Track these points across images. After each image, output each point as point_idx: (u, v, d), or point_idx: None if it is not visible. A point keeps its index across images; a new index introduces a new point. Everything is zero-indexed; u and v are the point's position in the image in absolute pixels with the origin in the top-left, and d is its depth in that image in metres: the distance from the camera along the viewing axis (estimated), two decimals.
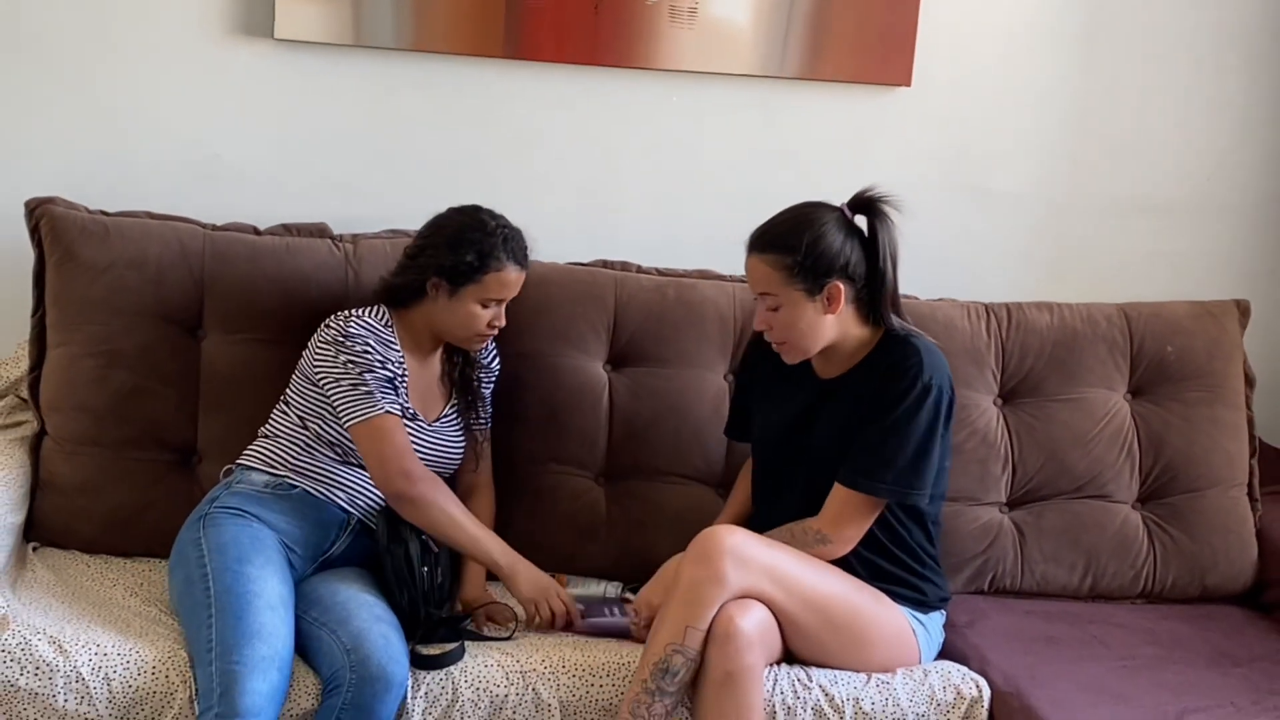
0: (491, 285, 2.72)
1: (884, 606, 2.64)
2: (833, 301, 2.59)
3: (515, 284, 2.76)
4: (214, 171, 3.20)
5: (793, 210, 2.64)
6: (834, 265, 2.57)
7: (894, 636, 2.64)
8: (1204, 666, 2.78)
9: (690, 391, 3.07)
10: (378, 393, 2.66)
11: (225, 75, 3.18)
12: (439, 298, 2.74)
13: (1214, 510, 3.13)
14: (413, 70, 3.23)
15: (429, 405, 2.83)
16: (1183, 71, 3.47)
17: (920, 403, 2.55)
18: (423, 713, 2.48)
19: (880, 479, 2.57)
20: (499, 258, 2.71)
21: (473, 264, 2.70)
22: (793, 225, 2.60)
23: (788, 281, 2.57)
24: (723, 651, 2.43)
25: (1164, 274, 3.51)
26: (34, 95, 3.14)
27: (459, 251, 2.70)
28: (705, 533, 2.52)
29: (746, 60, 3.31)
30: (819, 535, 2.60)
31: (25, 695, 2.39)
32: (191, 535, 2.64)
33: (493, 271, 2.71)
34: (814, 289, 2.57)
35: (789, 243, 2.57)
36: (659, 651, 2.44)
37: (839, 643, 2.58)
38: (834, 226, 2.58)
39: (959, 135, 3.43)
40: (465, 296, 2.73)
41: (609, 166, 3.35)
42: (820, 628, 2.56)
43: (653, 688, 2.43)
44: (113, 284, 2.89)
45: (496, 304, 2.75)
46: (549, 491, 3.01)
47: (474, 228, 2.72)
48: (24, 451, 2.91)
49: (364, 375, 2.66)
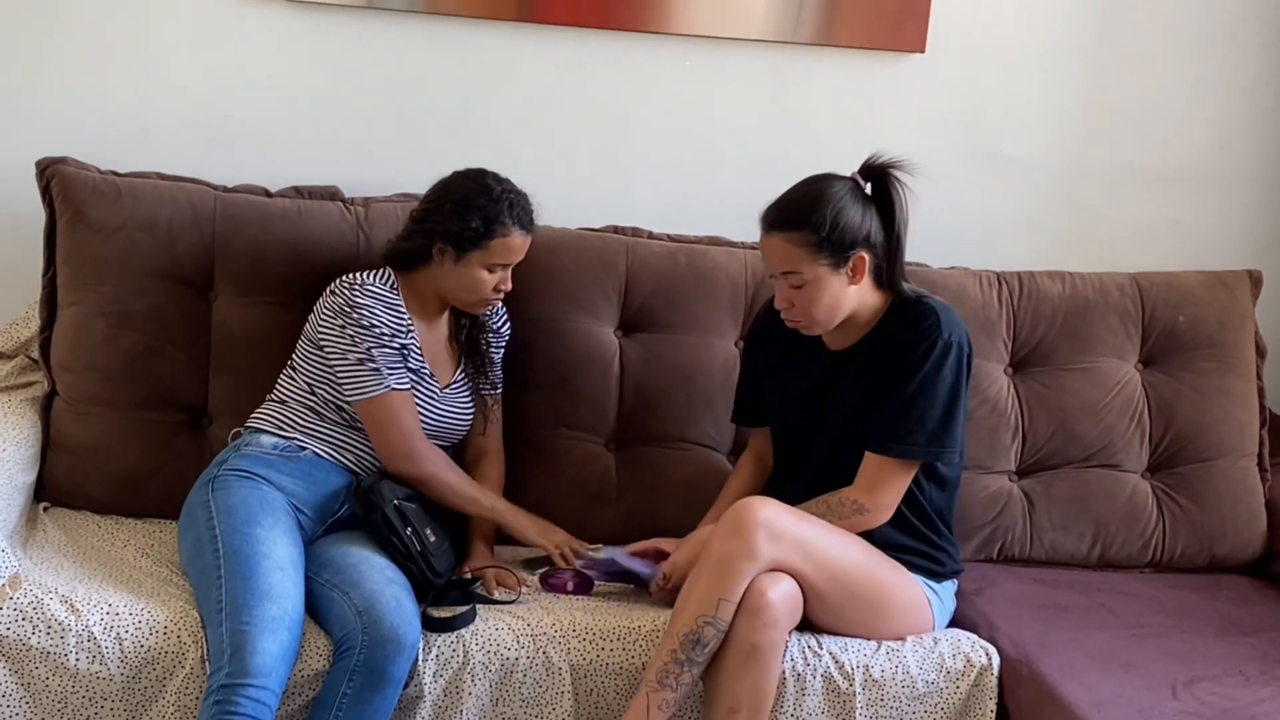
0: (497, 250, 2.71)
1: (902, 577, 2.65)
2: (857, 272, 2.58)
3: (521, 249, 2.75)
4: (225, 133, 3.18)
5: (805, 186, 2.62)
6: (857, 237, 2.56)
7: (911, 607, 2.65)
8: (1212, 635, 2.79)
9: (701, 358, 3.07)
10: (385, 369, 2.66)
11: (238, 37, 3.16)
12: (445, 263, 2.73)
13: (1224, 480, 3.13)
14: (425, 32, 3.21)
15: (440, 369, 2.83)
16: (1197, 40, 3.45)
17: (942, 361, 2.55)
18: (434, 675, 2.49)
19: (914, 441, 2.56)
20: (505, 223, 2.70)
21: (478, 230, 2.69)
22: (811, 201, 2.57)
23: (813, 258, 2.55)
24: (751, 624, 2.43)
25: (1176, 243, 3.50)
26: (45, 56, 3.12)
27: (465, 217, 2.69)
28: (740, 504, 2.52)
29: (760, 25, 3.29)
30: (856, 505, 2.59)
31: (37, 654, 2.40)
32: (200, 498, 2.64)
33: (498, 237, 2.70)
34: (839, 262, 2.56)
35: (811, 219, 2.55)
36: (690, 622, 2.44)
37: (858, 613, 2.59)
38: (850, 198, 2.57)
39: (972, 102, 3.41)
40: (471, 262, 2.72)
41: (621, 131, 3.33)
42: (843, 599, 2.57)
43: (682, 658, 2.44)
44: (124, 245, 2.89)
45: (502, 269, 2.75)
46: (559, 456, 3.01)
47: (479, 193, 2.71)
48: (35, 412, 2.91)
49: (370, 350, 2.66)
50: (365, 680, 2.40)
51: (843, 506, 2.59)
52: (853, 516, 2.59)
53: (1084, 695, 2.48)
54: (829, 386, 2.67)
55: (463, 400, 2.85)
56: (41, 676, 2.40)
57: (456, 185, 2.75)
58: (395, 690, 2.44)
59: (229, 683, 2.30)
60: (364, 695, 2.40)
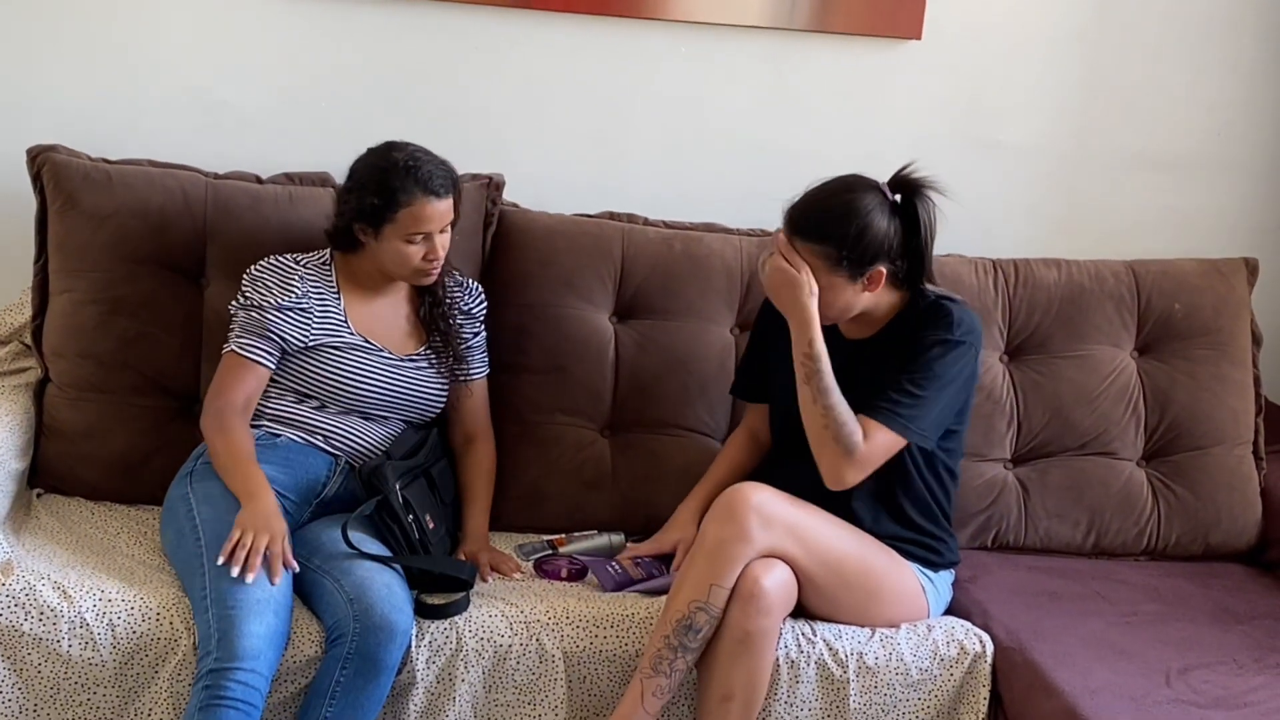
0: (406, 221, 2.67)
1: (897, 564, 2.65)
2: (873, 283, 2.58)
3: (435, 215, 2.69)
4: (218, 119, 3.18)
5: (833, 194, 2.58)
6: (879, 252, 2.55)
7: (905, 594, 2.65)
8: (1206, 623, 2.79)
9: (696, 345, 3.06)
10: (240, 330, 2.70)
11: (229, 23, 3.16)
12: (369, 241, 2.73)
13: (1218, 468, 3.13)
14: (420, 18, 3.20)
15: (395, 341, 2.81)
16: (1195, 26, 3.44)
17: (951, 357, 2.56)
18: (426, 661, 2.49)
19: (905, 415, 2.53)
20: (408, 191, 2.65)
21: (380, 204, 2.66)
22: (838, 215, 2.55)
23: (832, 270, 2.55)
24: (744, 611, 2.44)
25: (1173, 230, 3.49)
26: (36, 42, 3.11)
27: (366, 194, 2.67)
28: (731, 490, 2.52)
29: (756, 11, 3.28)
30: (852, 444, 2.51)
31: (29, 640, 2.40)
32: (180, 491, 2.65)
33: (404, 208, 2.66)
34: (857, 275, 2.56)
35: (835, 233, 2.53)
36: (682, 608, 2.44)
37: (852, 600, 2.59)
38: (878, 211, 2.55)
39: (969, 88, 3.41)
40: (388, 236, 2.69)
41: (617, 117, 3.32)
42: (836, 586, 2.56)
43: (675, 644, 2.44)
44: (115, 232, 2.88)
45: (423, 238, 2.70)
46: (554, 442, 3.01)
47: (380, 168, 2.68)
48: (28, 398, 2.90)
49: (237, 312, 2.71)
50: (358, 668, 2.40)
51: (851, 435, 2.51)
52: (846, 444, 2.51)
53: (1077, 682, 2.48)
54: (840, 374, 2.65)
55: (425, 374, 2.83)
56: (34, 663, 2.40)
57: (361, 164, 2.73)
58: (388, 677, 2.44)
59: (217, 667, 2.30)
60: (357, 683, 2.40)
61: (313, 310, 2.73)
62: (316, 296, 2.74)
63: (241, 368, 2.68)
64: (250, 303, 2.70)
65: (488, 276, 3.03)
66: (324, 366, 2.73)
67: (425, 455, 2.79)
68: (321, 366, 2.73)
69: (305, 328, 2.72)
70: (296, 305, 2.71)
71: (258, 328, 2.69)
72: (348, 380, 2.73)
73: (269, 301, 2.69)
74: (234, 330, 2.72)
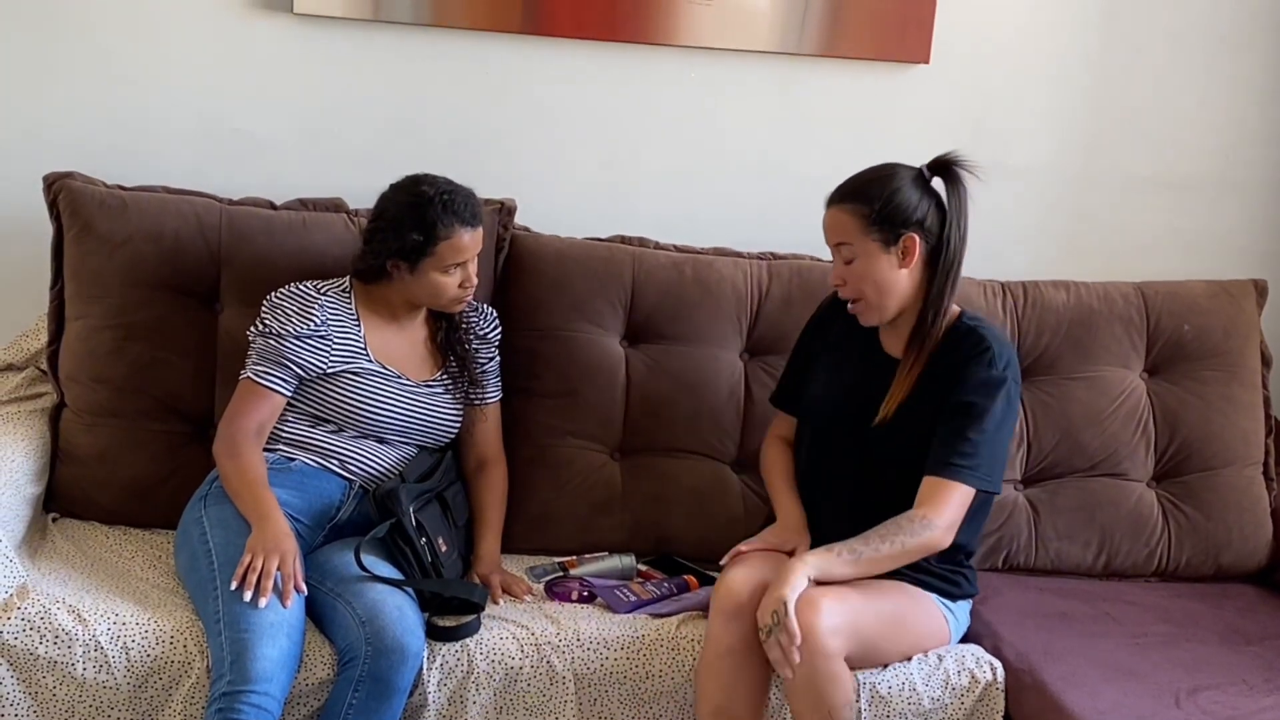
0: (446, 253, 2.71)
1: (925, 607, 2.65)
2: (907, 254, 2.60)
3: (471, 245, 2.74)
4: (232, 146, 3.20)
5: (872, 167, 2.68)
6: (910, 217, 2.59)
7: (933, 635, 2.66)
8: (1216, 644, 2.78)
9: (706, 369, 3.07)
10: (257, 357, 2.71)
11: (244, 50, 3.18)
12: (403, 276, 2.75)
13: (1229, 489, 3.13)
14: (431, 45, 3.23)
15: (413, 367, 2.83)
16: (1202, 48, 3.45)
17: (997, 394, 2.57)
18: (438, 684, 2.50)
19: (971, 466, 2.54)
20: (446, 224, 2.70)
21: (420, 241, 2.70)
22: (872, 178, 2.64)
23: (864, 230, 2.59)
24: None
25: (1181, 252, 3.50)
26: (53, 70, 3.14)
27: (403, 232, 2.70)
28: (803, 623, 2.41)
29: (765, 36, 3.31)
30: (924, 522, 2.52)
31: (45, 663, 2.41)
32: (194, 515, 2.66)
33: (442, 241, 2.70)
34: (890, 239, 2.59)
35: (867, 193, 2.61)
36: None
37: (888, 650, 2.60)
38: (911, 183, 2.62)
39: (977, 112, 3.42)
40: (425, 269, 2.73)
41: (626, 142, 3.35)
42: (879, 644, 2.58)
43: None
44: (130, 257, 2.90)
45: (459, 268, 2.75)
46: (565, 465, 3.02)
47: (413, 204, 2.71)
48: (44, 423, 2.93)
49: (256, 339, 2.73)
50: (371, 690, 2.41)
51: (911, 524, 2.52)
52: (923, 534, 2.52)
53: (1087, 704, 2.48)
54: (879, 386, 2.65)
55: (441, 399, 2.85)
56: (49, 686, 2.42)
57: (392, 201, 2.76)
58: (400, 699, 2.45)
59: (230, 690, 2.31)
60: (370, 705, 2.42)
61: (332, 337, 2.75)
62: (336, 324, 2.76)
63: (256, 395, 2.71)
64: (269, 330, 2.72)
65: (499, 301, 3.05)
66: (342, 392, 2.75)
67: (439, 479, 2.80)
68: (340, 392, 2.75)
69: (325, 355, 2.74)
70: (316, 333, 2.73)
71: (275, 355, 2.71)
72: (365, 405, 2.75)
73: (288, 330, 2.71)
74: (251, 357, 2.74)
